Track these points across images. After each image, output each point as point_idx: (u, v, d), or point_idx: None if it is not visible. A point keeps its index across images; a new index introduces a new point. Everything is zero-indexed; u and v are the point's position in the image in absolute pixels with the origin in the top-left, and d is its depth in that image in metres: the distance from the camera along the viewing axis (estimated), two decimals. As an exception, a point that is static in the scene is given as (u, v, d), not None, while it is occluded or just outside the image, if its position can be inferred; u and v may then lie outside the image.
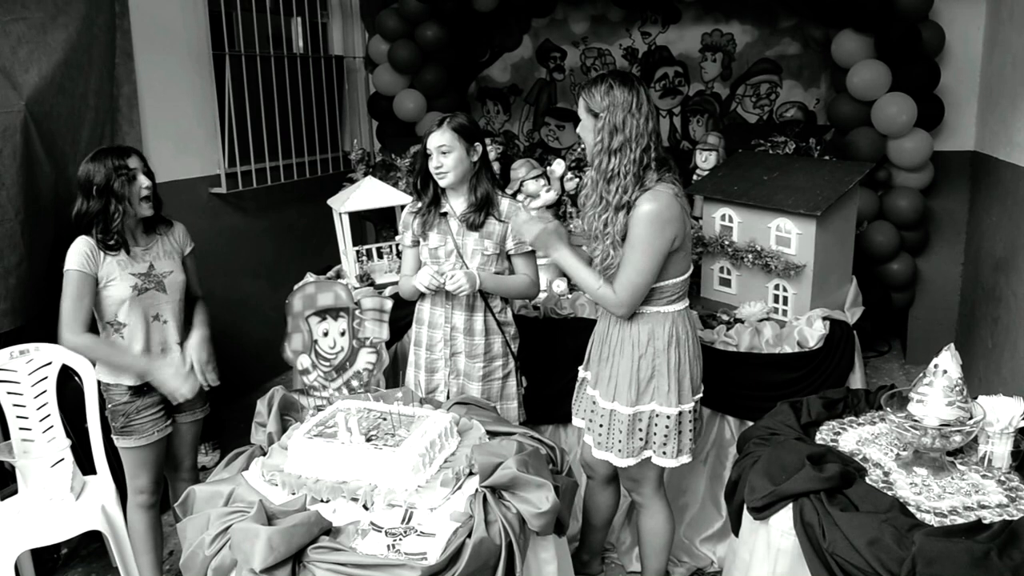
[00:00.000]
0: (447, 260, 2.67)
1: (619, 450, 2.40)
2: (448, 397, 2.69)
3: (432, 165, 2.60)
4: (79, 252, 2.43)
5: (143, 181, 2.49)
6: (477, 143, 2.62)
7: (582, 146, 2.44)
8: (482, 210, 2.63)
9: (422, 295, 2.73)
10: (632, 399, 2.35)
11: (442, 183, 2.62)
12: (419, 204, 2.72)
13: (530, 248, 2.63)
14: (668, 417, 2.35)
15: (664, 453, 2.38)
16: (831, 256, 3.04)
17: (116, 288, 2.47)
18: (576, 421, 2.63)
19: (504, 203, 2.67)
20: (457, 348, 2.70)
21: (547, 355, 2.93)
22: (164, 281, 2.56)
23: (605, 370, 2.43)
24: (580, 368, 2.64)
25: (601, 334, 2.48)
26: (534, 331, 2.97)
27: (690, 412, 2.39)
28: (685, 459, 2.42)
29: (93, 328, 2.50)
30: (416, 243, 2.75)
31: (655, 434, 2.37)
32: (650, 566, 2.63)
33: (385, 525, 1.86)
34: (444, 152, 2.57)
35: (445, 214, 2.69)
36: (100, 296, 2.48)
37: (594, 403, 2.47)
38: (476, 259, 2.64)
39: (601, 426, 2.43)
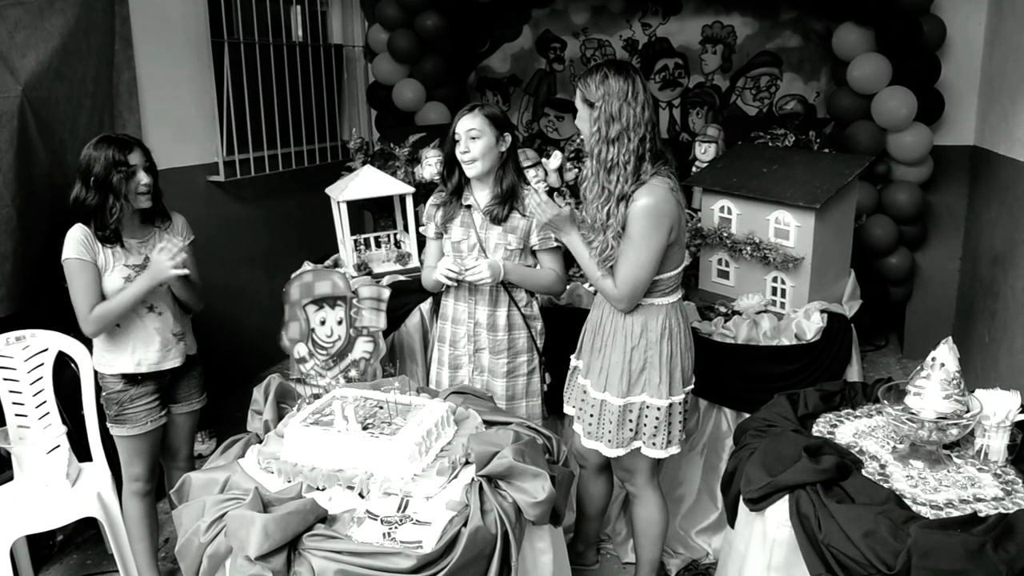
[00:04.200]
0: (470, 254, 2.63)
1: (609, 440, 2.40)
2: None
3: (459, 150, 2.53)
4: (75, 240, 2.42)
5: (142, 178, 2.46)
6: (507, 133, 2.56)
7: (581, 137, 2.43)
8: (506, 203, 2.58)
9: (446, 289, 2.69)
10: (623, 390, 2.35)
11: (469, 172, 2.56)
12: (442, 194, 2.68)
13: (555, 244, 2.60)
14: (659, 409, 2.35)
15: (654, 444, 2.38)
16: (829, 249, 3.04)
17: (110, 279, 2.47)
18: (567, 409, 2.64)
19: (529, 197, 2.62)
20: (481, 344, 2.67)
21: (545, 345, 2.93)
22: None
23: (597, 360, 2.43)
24: (572, 357, 2.63)
25: (594, 324, 2.48)
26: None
27: (680, 404, 2.39)
28: (674, 450, 2.42)
29: None
30: (439, 235, 2.70)
31: (645, 425, 2.38)
32: (644, 557, 2.64)
33: (381, 513, 1.86)
34: (473, 137, 2.50)
35: (469, 207, 2.64)
36: None
37: (585, 392, 2.48)
38: (499, 254, 2.60)
39: (592, 416, 2.44)
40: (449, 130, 2.59)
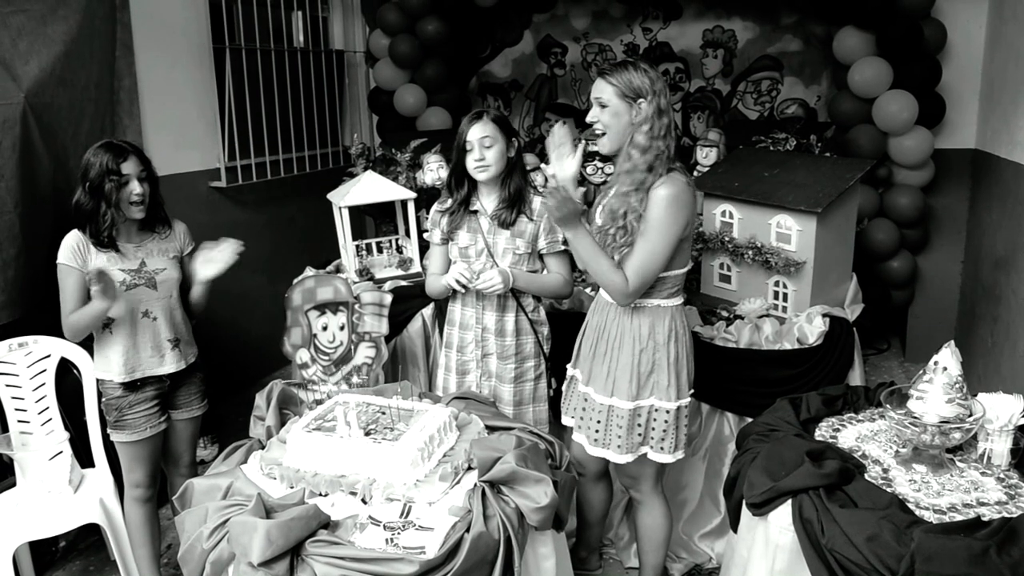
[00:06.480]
0: (477, 259, 2.63)
1: (618, 446, 2.38)
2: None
3: (473, 158, 2.52)
4: (68, 246, 2.45)
5: (134, 187, 2.45)
6: (514, 138, 2.58)
7: (598, 133, 2.36)
8: (514, 207, 2.58)
9: (452, 295, 2.69)
10: (632, 394, 2.34)
11: (482, 177, 2.56)
12: (448, 202, 2.67)
13: (563, 248, 2.60)
14: (667, 412, 2.35)
15: (662, 448, 2.38)
16: (831, 253, 3.03)
17: None
18: (566, 420, 2.60)
19: (536, 201, 2.60)
20: (488, 349, 2.66)
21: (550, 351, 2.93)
22: (155, 278, 2.55)
23: (601, 365, 2.41)
24: (568, 366, 2.61)
25: (596, 328, 2.45)
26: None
27: (686, 407, 2.39)
28: (680, 454, 2.42)
29: None
30: (445, 241, 2.70)
31: (654, 429, 2.37)
32: (648, 562, 2.63)
33: (383, 519, 1.85)
34: (487, 145, 2.51)
35: (475, 212, 2.63)
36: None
37: (587, 400, 2.45)
38: (507, 258, 2.60)
39: (598, 423, 2.41)
40: (451, 136, 2.60)
